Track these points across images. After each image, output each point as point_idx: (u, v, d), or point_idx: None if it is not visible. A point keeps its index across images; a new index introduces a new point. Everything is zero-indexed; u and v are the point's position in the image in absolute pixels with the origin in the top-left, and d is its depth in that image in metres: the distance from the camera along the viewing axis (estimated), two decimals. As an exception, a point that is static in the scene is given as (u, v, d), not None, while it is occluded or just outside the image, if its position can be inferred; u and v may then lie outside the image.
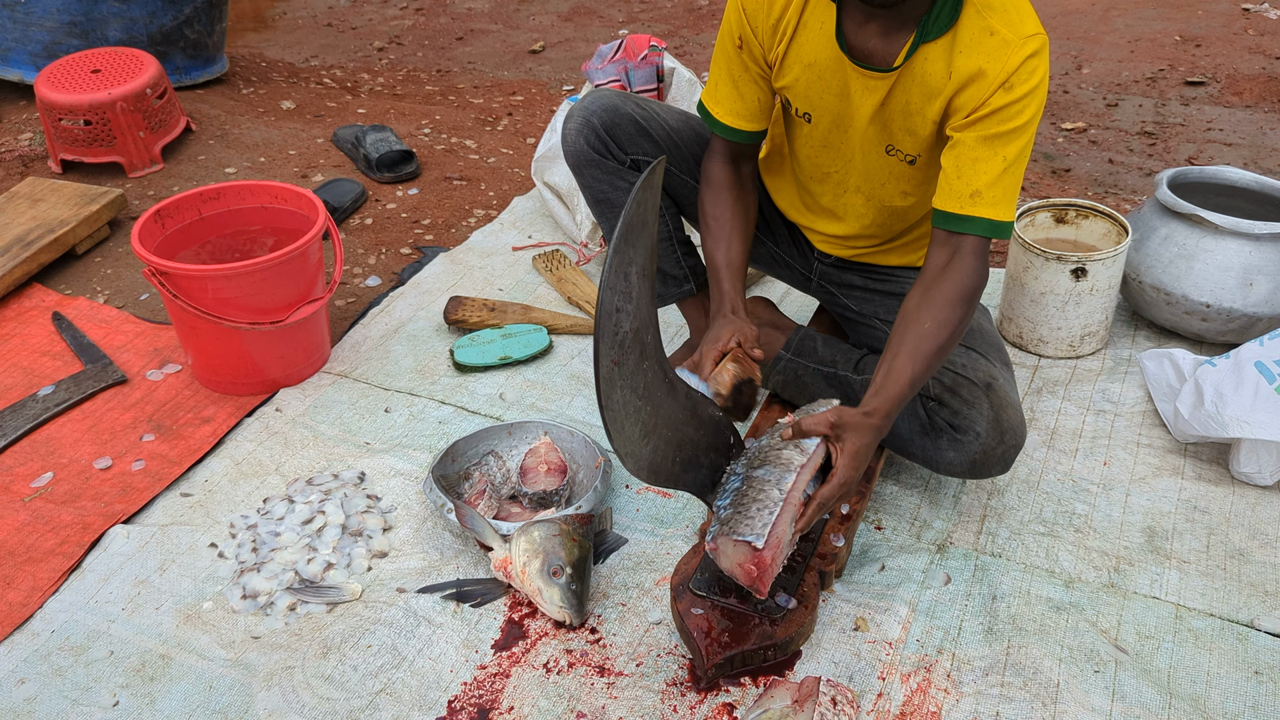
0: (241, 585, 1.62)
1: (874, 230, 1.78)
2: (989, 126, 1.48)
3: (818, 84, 1.61)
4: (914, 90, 1.53)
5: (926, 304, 1.49)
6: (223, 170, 3.01)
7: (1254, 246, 2.04)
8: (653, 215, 1.13)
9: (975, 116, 1.48)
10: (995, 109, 1.47)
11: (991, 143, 1.48)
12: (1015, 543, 1.71)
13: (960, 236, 1.51)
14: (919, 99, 1.54)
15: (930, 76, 1.51)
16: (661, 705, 1.42)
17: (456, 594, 1.60)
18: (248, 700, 1.44)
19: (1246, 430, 1.74)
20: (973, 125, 1.49)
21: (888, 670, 1.48)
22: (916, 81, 1.53)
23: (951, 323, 1.48)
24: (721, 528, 1.34)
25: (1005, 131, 1.48)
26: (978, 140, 1.49)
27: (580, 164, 1.87)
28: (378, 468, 1.87)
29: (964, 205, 1.50)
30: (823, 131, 1.67)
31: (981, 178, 1.49)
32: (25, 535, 1.73)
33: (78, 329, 2.27)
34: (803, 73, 1.61)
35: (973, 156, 1.49)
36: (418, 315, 2.34)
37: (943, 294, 1.49)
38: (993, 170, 1.48)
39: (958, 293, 1.49)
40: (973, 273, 1.51)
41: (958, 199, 1.50)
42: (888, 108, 1.57)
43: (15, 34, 3.23)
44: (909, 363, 1.45)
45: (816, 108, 1.64)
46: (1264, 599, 1.59)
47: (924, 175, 1.65)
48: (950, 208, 1.51)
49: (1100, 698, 1.43)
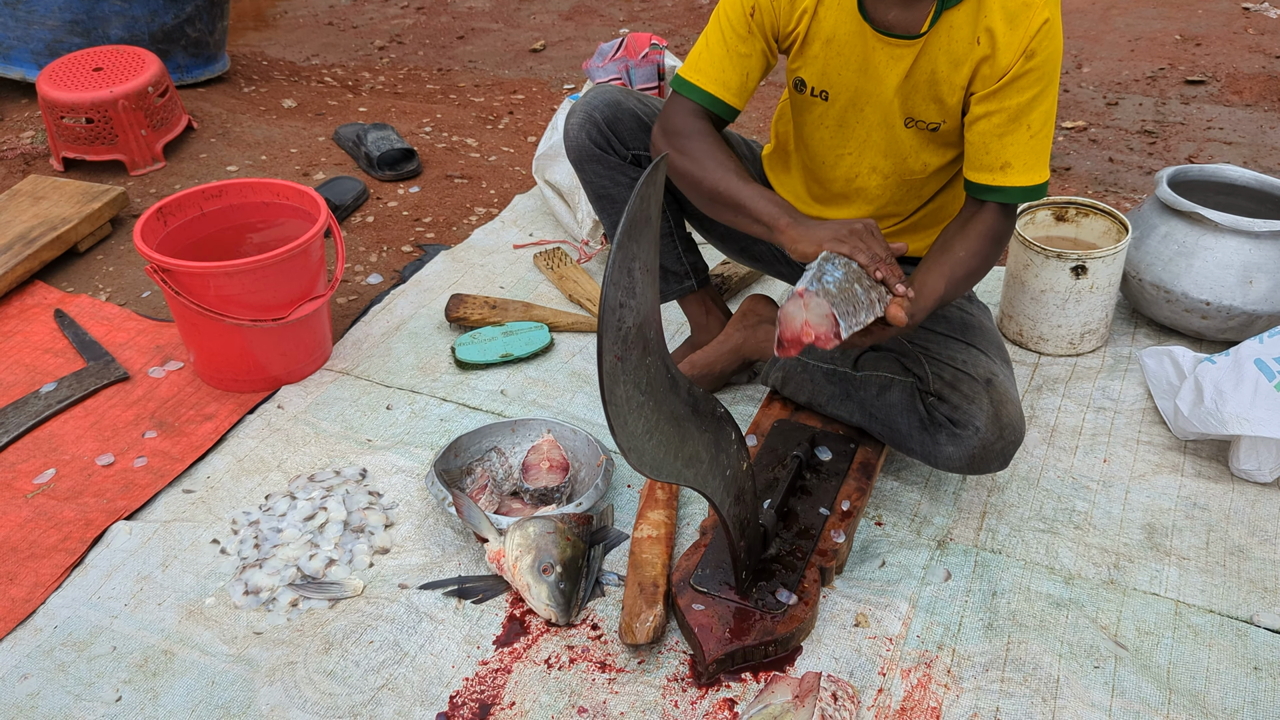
0: (244, 581, 1.62)
1: (890, 209, 1.77)
2: (1010, 96, 1.53)
3: (837, 60, 1.61)
4: (940, 57, 1.55)
5: (961, 236, 1.58)
6: (224, 168, 3.02)
7: (1254, 244, 2.04)
8: (656, 211, 1.14)
9: (999, 85, 1.52)
10: (1017, 76, 1.51)
11: (1014, 114, 1.54)
12: (1015, 539, 1.71)
13: (990, 203, 1.60)
14: (946, 66, 1.56)
15: (957, 42, 1.53)
16: (663, 700, 1.43)
17: (458, 590, 1.60)
18: (250, 695, 1.45)
19: (1246, 427, 1.75)
20: (995, 95, 1.53)
21: (888, 666, 1.48)
22: (943, 48, 1.55)
23: (982, 254, 1.58)
24: (823, 289, 1.36)
25: (1027, 100, 1.53)
26: (1001, 113, 1.54)
27: (582, 159, 1.88)
28: (379, 464, 1.88)
29: (995, 178, 1.58)
30: (839, 109, 1.67)
31: (1009, 150, 1.55)
32: (28, 532, 1.74)
33: (80, 326, 2.27)
34: (822, 49, 1.62)
35: (998, 132, 1.55)
36: (419, 313, 2.35)
37: (976, 230, 1.59)
38: (1019, 141, 1.55)
39: (990, 231, 1.59)
40: (1005, 221, 1.61)
41: (989, 172, 1.58)
42: (913, 77, 1.58)
43: (17, 32, 3.24)
44: (941, 280, 1.53)
45: (834, 84, 1.64)
46: (1263, 595, 1.60)
47: (945, 142, 1.66)
48: (983, 180, 1.59)
49: (1100, 693, 1.44)
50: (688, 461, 1.27)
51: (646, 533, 1.64)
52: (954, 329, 1.74)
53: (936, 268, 1.55)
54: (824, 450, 1.79)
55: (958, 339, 1.72)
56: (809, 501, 1.69)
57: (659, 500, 1.71)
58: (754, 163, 1.95)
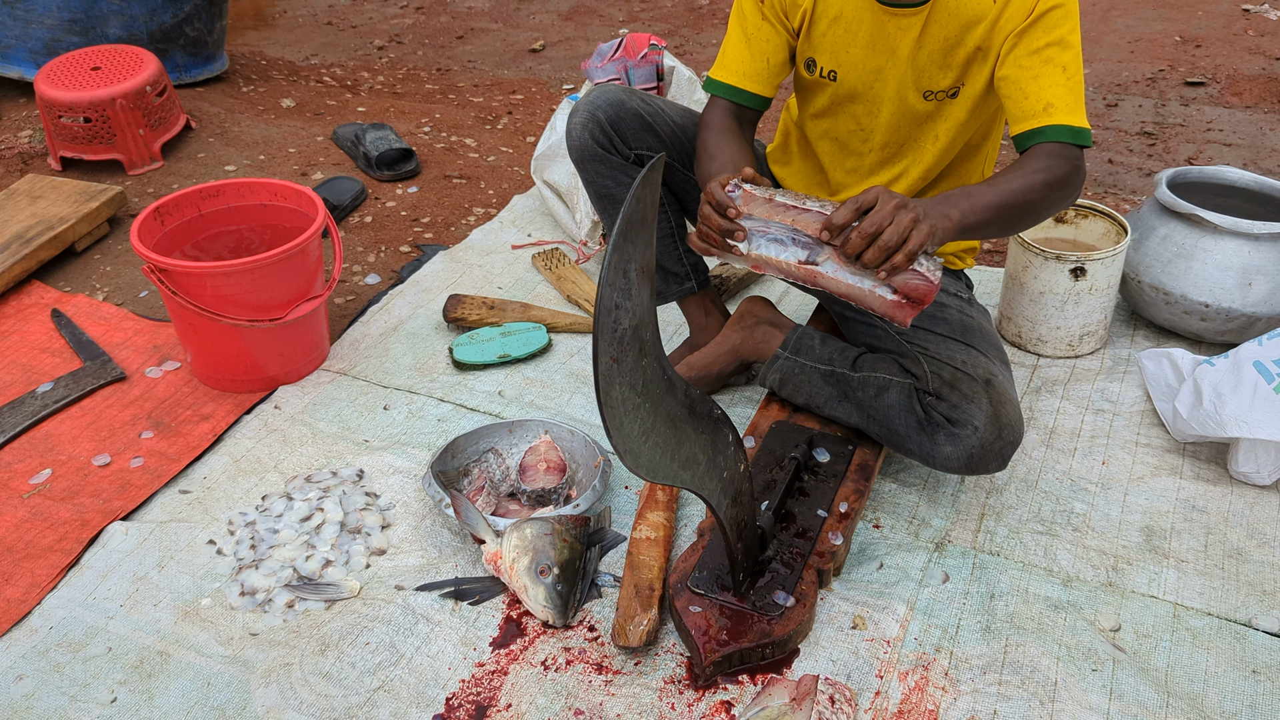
0: (240, 582, 1.62)
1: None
2: (1037, 38, 1.52)
3: (845, 37, 1.62)
4: (951, 23, 1.57)
5: (1013, 170, 1.52)
6: (222, 168, 3.01)
7: (1253, 246, 2.04)
8: (653, 212, 1.13)
9: (1022, 27, 1.52)
10: (1040, 14, 1.51)
11: (1044, 54, 1.52)
12: (1014, 541, 1.71)
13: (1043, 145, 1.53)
14: (957, 30, 1.57)
15: (966, 5, 1.54)
16: (659, 703, 1.43)
17: (455, 592, 1.60)
18: (246, 697, 1.44)
19: (1245, 430, 1.74)
20: (1022, 39, 1.53)
21: (886, 668, 1.48)
22: (952, 13, 1.55)
23: (1037, 186, 1.49)
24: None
25: (1054, 41, 1.52)
26: (1030, 56, 1.53)
27: (584, 158, 1.87)
28: (376, 465, 1.87)
29: (1040, 118, 1.53)
30: (849, 89, 1.68)
31: (1048, 91, 1.53)
32: (24, 532, 1.73)
33: (77, 326, 2.27)
34: (829, 27, 1.63)
35: (1033, 74, 1.53)
36: (417, 313, 2.34)
37: (1029, 167, 1.52)
38: (1056, 81, 1.52)
39: (1045, 169, 1.51)
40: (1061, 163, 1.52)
41: (1033, 117, 1.53)
42: (924, 47, 1.59)
43: (15, 31, 3.24)
44: (994, 193, 1.47)
45: (843, 63, 1.65)
46: (1262, 598, 1.59)
47: (962, 108, 1.66)
48: (1027, 126, 1.54)
49: (1098, 696, 1.43)
50: (685, 463, 1.27)
51: (645, 534, 1.64)
52: (953, 330, 1.73)
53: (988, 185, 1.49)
54: (822, 452, 1.78)
55: (957, 340, 1.71)
56: (807, 503, 1.68)
57: (659, 502, 1.71)
58: (760, 162, 1.95)
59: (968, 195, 1.46)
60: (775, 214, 1.45)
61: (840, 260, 1.42)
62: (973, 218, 1.45)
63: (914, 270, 1.39)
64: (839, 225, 1.37)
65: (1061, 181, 1.52)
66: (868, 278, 1.41)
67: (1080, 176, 1.55)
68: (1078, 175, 1.54)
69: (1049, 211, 1.56)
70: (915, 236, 1.34)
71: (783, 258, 1.45)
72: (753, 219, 1.46)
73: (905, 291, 1.40)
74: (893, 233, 1.34)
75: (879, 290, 1.42)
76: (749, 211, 1.46)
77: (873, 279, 1.41)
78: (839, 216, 1.37)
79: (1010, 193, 1.49)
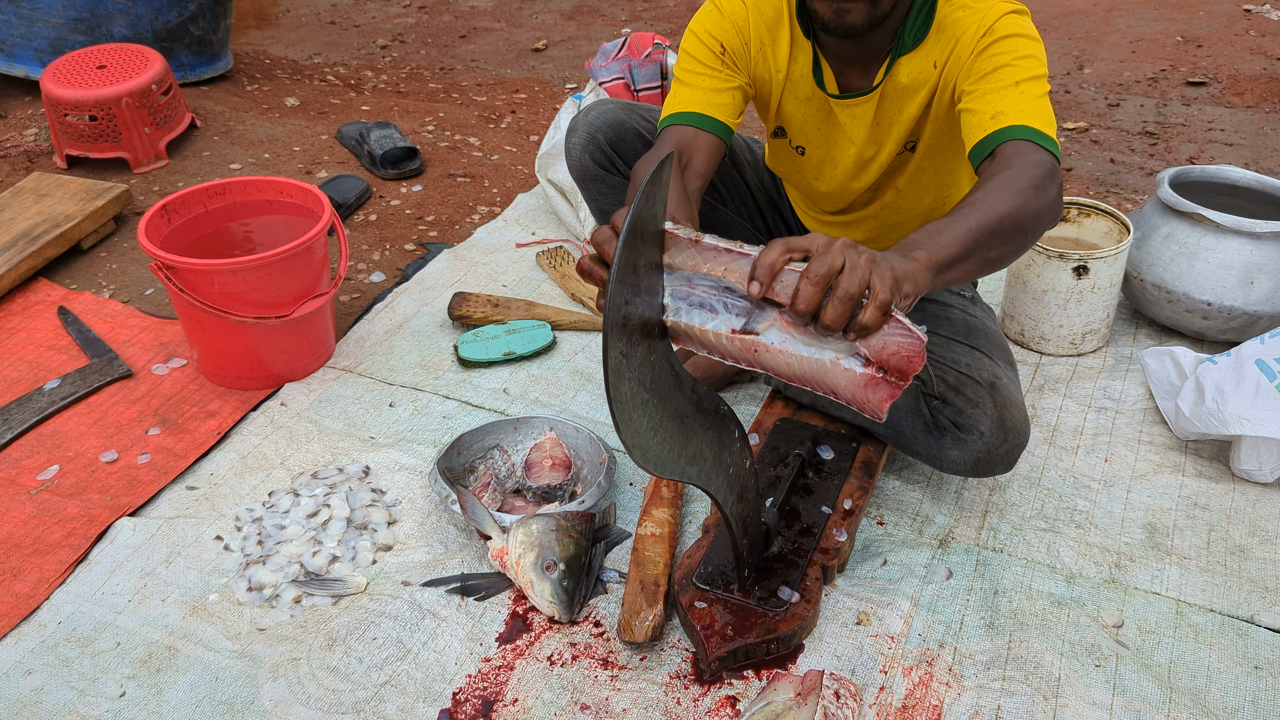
0: (247, 578, 1.63)
1: (885, 241, 1.82)
2: (983, 64, 1.43)
3: (814, 117, 1.64)
4: (901, 96, 1.56)
5: (976, 187, 1.30)
6: (227, 166, 3.02)
7: (1255, 245, 2.05)
8: (661, 211, 1.14)
9: (967, 66, 1.46)
10: (983, 49, 1.44)
11: (991, 77, 1.41)
12: (1017, 538, 1.71)
13: (999, 147, 1.36)
14: (906, 99, 1.56)
15: (915, 75, 1.54)
16: (665, 698, 1.43)
17: (461, 587, 1.61)
18: (254, 691, 1.45)
19: (1247, 427, 1.75)
20: (968, 75, 1.45)
21: (890, 664, 1.49)
22: (900, 88, 1.55)
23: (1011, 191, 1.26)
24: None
25: (1001, 65, 1.41)
26: (979, 82, 1.43)
27: (584, 178, 1.87)
28: (382, 462, 1.88)
29: (988, 126, 1.38)
30: (815, 164, 1.69)
31: (998, 103, 1.39)
32: (32, 528, 1.74)
33: (83, 323, 2.28)
34: (797, 108, 1.63)
35: (980, 94, 1.42)
36: (422, 311, 2.35)
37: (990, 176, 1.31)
38: (1006, 94, 1.39)
39: (1008, 167, 1.31)
40: (1018, 160, 1.31)
41: (981, 129, 1.39)
42: (880, 124, 1.59)
43: (21, 30, 3.24)
44: (962, 219, 1.21)
45: (812, 140, 1.67)
46: (1264, 595, 1.60)
47: (926, 160, 1.66)
48: (978, 136, 1.39)
49: (1101, 692, 1.44)
50: (691, 459, 1.27)
51: (650, 530, 1.65)
52: (957, 331, 1.74)
53: (950, 214, 1.24)
54: (826, 449, 1.79)
55: (961, 341, 1.72)
56: (811, 500, 1.69)
57: (664, 498, 1.71)
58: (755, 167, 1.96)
59: (931, 232, 1.20)
60: (703, 263, 1.12)
61: (789, 325, 1.10)
62: (946, 252, 1.17)
63: (891, 325, 1.06)
64: (770, 264, 1.06)
65: (1037, 185, 1.28)
66: (828, 346, 1.09)
67: (1056, 177, 1.31)
68: (1053, 176, 1.31)
69: (1037, 223, 1.29)
70: (879, 282, 1.04)
71: (710, 326, 1.12)
72: (673, 272, 1.15)
73: (882, 360, 1.08)
74: (851, 279, 1.03)
75: (844, 362, 1.09)
76: (670, 261, 1.14)
77: (834, 347, 1.09)
78: (768, 256, 1.06)
79: (984, 209, 1.23)
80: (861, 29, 1.43)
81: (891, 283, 1.05)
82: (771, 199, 1.97)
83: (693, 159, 1.51)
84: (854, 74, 1.56)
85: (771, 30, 1.59)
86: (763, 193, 1.96)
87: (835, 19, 1.42)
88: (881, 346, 1.07)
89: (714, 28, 1.58)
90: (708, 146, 1.53)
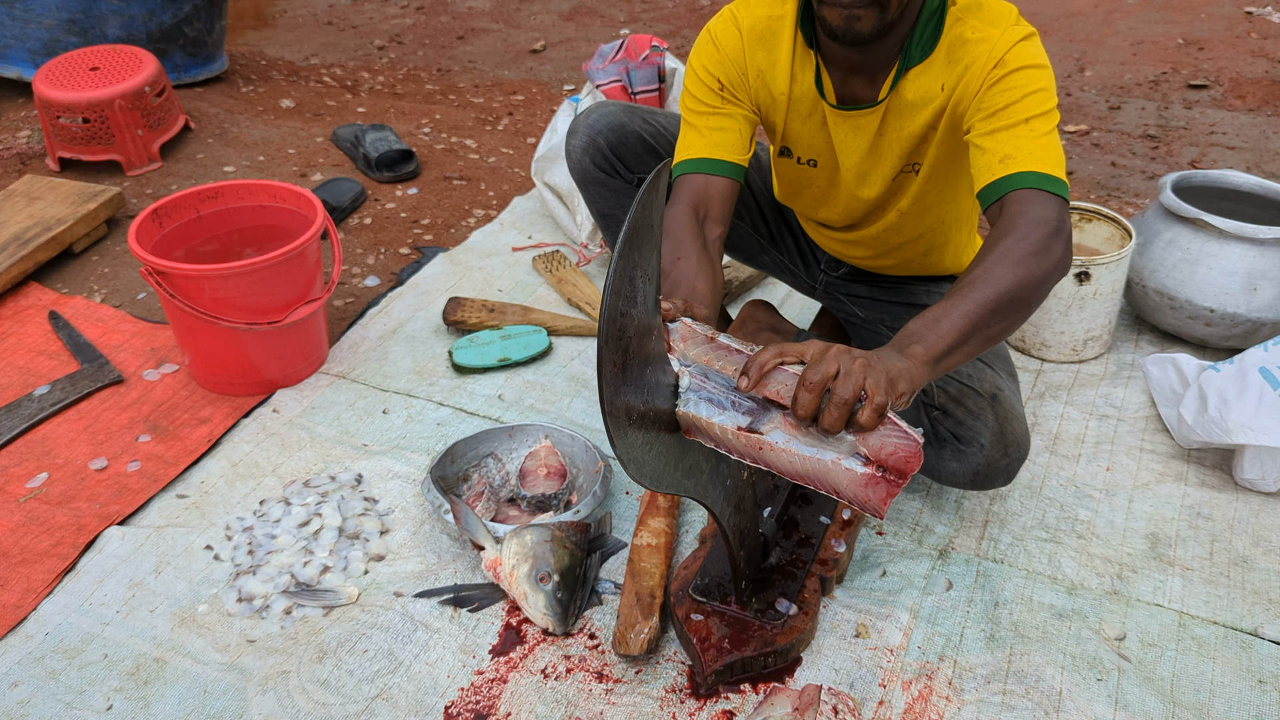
0: (237, 588, 1.60)
1: (886, 259, 1.80)
2: (994, 99, 1.42)
3: (821, 132, 1.61)
4: (906, 112, 1.53)
5: (978, 258, 1.30)
6: (221, 169, 3.00)
7: (1258, 251, 2.03)
8: (658, 220, 1.12)
9: (976, 99, 1.44)
10: (994, 82, 1.43)
11: (1001, 115, 1.41)
12: (1018, 548, 1.69)
13: (1007, 195, 1.37)
14: (910, 115, 1.53)
15: (921, 93, 1.51)
16: (660, 712, 1.41)
17: (454, 599, 1.59)
18: (243, 705, 1.43)
19: (1250, 436, 1.73)
20: (978, 109, 1.44)
21: (889, 677, 1.46)
22: (905, 103, 1.52)
23: (1014, 261, 1.26)
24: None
25: (1011, 102, 1.41)
26: (989, 119, 1.42)
27: (585, 181, 1.86)
28: (375, 470, 1.86)
29: (996, 171, 1.38)
30: (826, 174, 1.67)
31: (1005, 146, 1.39)
32: (20, 536, 1.72)
33: (74, 328, 2.26)
34: (802, 125, 1.61)
35: (990, 132, 1.41)
36: (416, 316, 2.33)
37: (995, 241, 1.30)
38: (1015, 133, 1.39)
39: (1014, 229, 1.30)
40: (1021, 217, 1.31)
41: (990, 172, 1.39)
42: (884, 137, 1.57)
43: (14, 31, 3.22)
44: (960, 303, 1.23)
45: (822, 154, 1.64)
46: (1268, 607, 1.58)
47: (929, 184, 1.63)
48: (986, 181, 1.40)
49: (1103, 706, 1.42)
50: (688, 472, 1.25)
51: (646, 540, 1.63)
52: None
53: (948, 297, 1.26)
54: (824, 458, 1.77)
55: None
56: (809, 510, 1.67)
57: (660, 508, 1.69)
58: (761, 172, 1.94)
59: (930, 320, 1.22)
60: (715, 359, 1.19)
61: (792, 427, 1.15)
62: (944, 342, 1.20)
63: (888, 427, 1.11)
64: (761, 364, 1.13)
65: (1039, 249, 1.28)
66: (829, 447, 1.14)
67: (1062, 231, 1.32)
68: (1058, 231, 1.31)
69: (1041, 289, 1.29)
70: (874, 386, 1.09)
71: (717, 421, 1.16)
72: (689, 363, 1.20)
73: (881, 459, 1.12)
74: (846, 385, 1.09)
75: (845, 463, 1.13)
76: (685, 353, 1.20)
77: (835, 448, 1.14)
78: (761, 356, 1.13)
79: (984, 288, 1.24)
80: (870, 36, 1.42)
81: (886, 384, 1.10)
82: (775, 204, 1.95)
83: (709, 210, 1.53)
84: (859, 85, 1.54)
85: (770, 54, 1.57)
86: (766, 197, 1.94)
87: (845, 25, 1.41)
88: (879, 446, 1.12)
89: (710, 64, 1.57)
90: (721, 192, 1.55)
